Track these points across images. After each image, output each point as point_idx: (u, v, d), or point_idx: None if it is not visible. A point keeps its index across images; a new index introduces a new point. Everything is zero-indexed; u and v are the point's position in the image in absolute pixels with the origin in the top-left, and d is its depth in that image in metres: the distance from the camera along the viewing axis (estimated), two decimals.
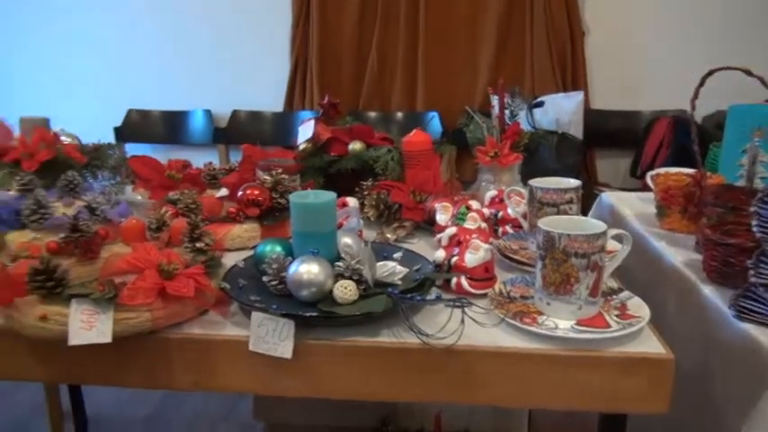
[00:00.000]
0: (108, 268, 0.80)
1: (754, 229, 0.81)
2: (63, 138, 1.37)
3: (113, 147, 1.48)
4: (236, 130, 3.13)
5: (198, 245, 0.91)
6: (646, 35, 2.91)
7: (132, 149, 1.51)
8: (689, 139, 1.12)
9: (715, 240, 0.93)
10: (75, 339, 0.73)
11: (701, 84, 1.07)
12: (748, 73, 1.02)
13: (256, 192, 1.11)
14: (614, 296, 0.84)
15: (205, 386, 0.81)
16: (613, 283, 0.88)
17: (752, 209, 0.81)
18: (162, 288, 0.76)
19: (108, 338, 0.73)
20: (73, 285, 0.78)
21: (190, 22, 3.16)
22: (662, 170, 1.31)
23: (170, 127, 3.22)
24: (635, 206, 1.38)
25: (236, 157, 2.81)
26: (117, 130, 3.18)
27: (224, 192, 1.23)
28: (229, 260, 0.94)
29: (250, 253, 0.96)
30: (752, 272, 0.82)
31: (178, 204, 1.10)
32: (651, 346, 0.75)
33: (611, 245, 0.87)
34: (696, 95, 1.09)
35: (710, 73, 1.05)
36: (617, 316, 0.79)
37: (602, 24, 2.92)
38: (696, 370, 0.92)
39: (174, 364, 0.79)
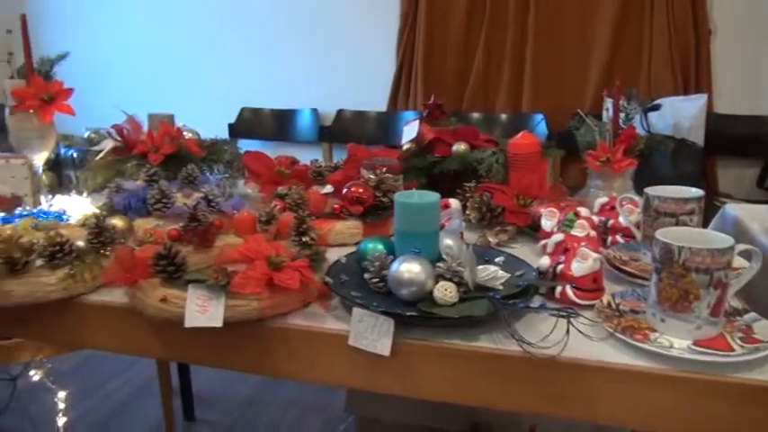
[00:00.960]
0: (222, 257, 0.85)
1: None
2: (185, 133, 1.47)
3: (228, 142, 1.57)
4: (341, 129, 3.22)
5: (304, 239, 0.94)
6: None
7: (244, 145, 1.59)
8: None
9: None
10: (190, 322, 0.78)
11: None
12: None
13: (360, 190, 1.13)
14: (738, 317, 0.78)
15: (305, 376, 0.83)
16: (737, 303, 0.81)
17: None
18: (270, 279, 0.79)
19: (219, 323, 0.78)
20: (190, 271, 0.84)
21: (300, 24, 3.29)
22: None
23: (279, 124, 3.36)
24: (765, 220, 1.26)
25: (339, 155, 2.89)
26: (231, 127, 3.37)
27: (329, 188, 1.26)
28: (331, 255, 0.97)
29: (351, 249, 0.99)
30: None
31: (286, 199, 1.15)
32: None
33: (737, 261, 0.80)
34: None
35: None
36: (741, 339, 0.72)
37: (732, 22, 2.70)
38: None
39: (277, 353, 0.83)
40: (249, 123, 3.39)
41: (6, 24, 1.18)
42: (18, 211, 1.11)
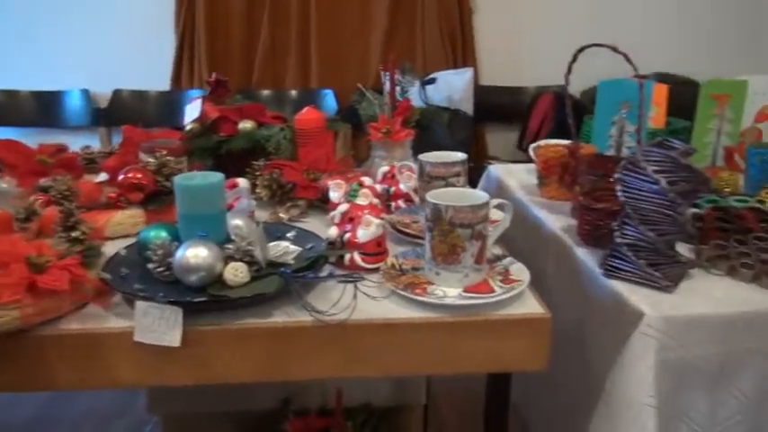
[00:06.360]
0: None
1: (619, 194, 0.88)
2: None
3: None
4: (119, 111, 2.94)
5: (73, 234, 0.85)
6: (530, 12, 3.03)
7: None
8: None
9: (587, 206, 1.01)
10: None
11: (574, 60, 1.14)
12: (614, 49, 1.09)
13: (139, 175, 1.05)
14: (498, 263, 0.89)
15: (90, 383, 0.77)
16: (498, 251, 0.93)
17: (616, 175, 0.88)
18: (32, 282, 0.71)
19: None
20: None
21: None
22: (542, 142, 1.38)
23: (42, 108, 2.95)
24: (520, 177, 1.45)
25: (119, 140, 2.64)
26: None
27: (104, 176, 1.16)
28: (111, 249, 0.90)
29: (134, 240, 0.92)
30: (617, 233, 0.89)
31: (50, 191, 1.03)
32: (531, 307, 0.80)
33: (497, 215, 0.92)
34: (569, 71, 1.16)
35: (581, 49, 1.12)
36: (501, 281, 0.83)
37: (489, 2, 3.01)
38: (572, 327, 1.00)
39: (51, 363, 0.74)
40: (3, 108, 2.93)
41: None
42: None
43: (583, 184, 1.06)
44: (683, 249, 0.97)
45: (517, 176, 1.46)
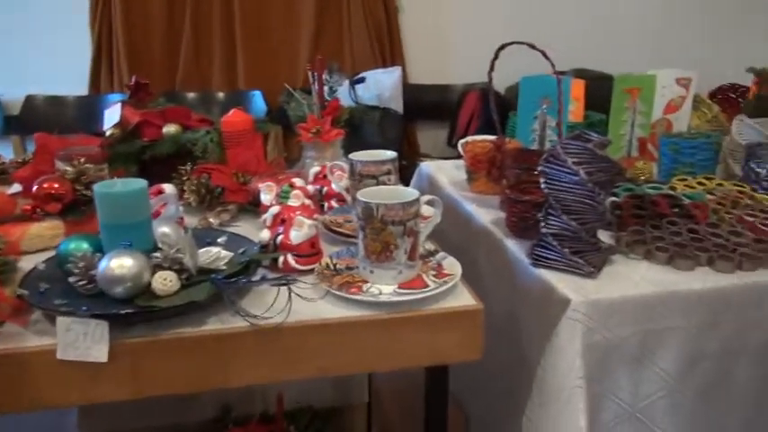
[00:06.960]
0: None
1: (542, 185, 0.91)
2: None
3: None
4: (32, 118, 2.78)
5: None
6: (454, 11, 3.09)
7: None
8: None
9: (513, 198, 1.04)
10: None
11: (495, 57, 1.18)
12: (532, 47, 1.13)
13: (55, 185, 1.00)
14: (431, 258, 0.90)
15: (12, 407, 0.73)
16: (430, 246, 0.94)
17: (539, 168, 0.92)
18: None
19: None
20: None
21: None
22: (470, 138, 1.42)
23: None
24: (450, 173, 1.48)
25: (33, 149, 2.49)
26: None
27: (17, 188, 1.09)
28: (30, 263, 0.85)
29: (54, 253, 0.87)
30: (542, 224, 0.93)
31: None
32: (464, 299, 0.82)
33: (428, 211, 0.93)
34: (492, 68, 1.20)
35: (502, 47, 1.15)
36: (434, 276, 0.85)
37: (415, 1, 3.05)
38: (505, 316, 1.03)
39: None
40: None
41: None
42: None
43: (509, 177, 1.10)
44: (604, 236, 1.02)
45: (447, 172, 1.49)
